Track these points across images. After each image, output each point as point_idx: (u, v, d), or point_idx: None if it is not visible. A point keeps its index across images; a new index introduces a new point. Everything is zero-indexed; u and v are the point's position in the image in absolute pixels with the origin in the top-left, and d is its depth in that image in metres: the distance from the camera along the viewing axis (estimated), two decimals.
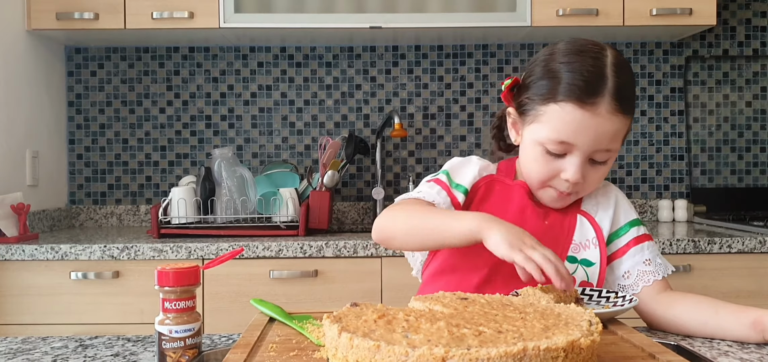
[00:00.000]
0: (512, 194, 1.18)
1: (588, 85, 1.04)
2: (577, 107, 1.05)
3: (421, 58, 2.81)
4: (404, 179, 2.80)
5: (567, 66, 1.07)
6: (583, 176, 1.09)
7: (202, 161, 2.79)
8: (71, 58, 2.79)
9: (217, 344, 1.02)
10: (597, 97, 1.04)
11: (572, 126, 1.05)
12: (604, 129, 1.05)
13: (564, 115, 1.06)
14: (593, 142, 1.06)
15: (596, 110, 1.04)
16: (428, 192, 1.17)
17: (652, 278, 1.15)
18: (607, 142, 1.07)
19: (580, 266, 1.14)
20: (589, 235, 1.16)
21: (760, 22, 2.83)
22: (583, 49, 1.09)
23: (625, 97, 1.06)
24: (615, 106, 1.05)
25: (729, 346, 1.01)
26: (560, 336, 0.67)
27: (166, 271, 0.82)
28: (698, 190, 2.81)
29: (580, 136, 1.06)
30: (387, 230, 1.13)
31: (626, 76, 1.07)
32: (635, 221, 1.21)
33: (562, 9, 2.38)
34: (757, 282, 2.14)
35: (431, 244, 1.09)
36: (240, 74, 2.80)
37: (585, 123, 1.05)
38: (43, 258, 2.08)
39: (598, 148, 1.07)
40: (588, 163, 1.10)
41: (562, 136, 1.07)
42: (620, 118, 1.06)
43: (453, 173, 1.20)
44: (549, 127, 1.08)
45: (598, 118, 1.04)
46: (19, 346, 1.04)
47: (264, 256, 2.11)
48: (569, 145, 1.07)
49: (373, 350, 0.65)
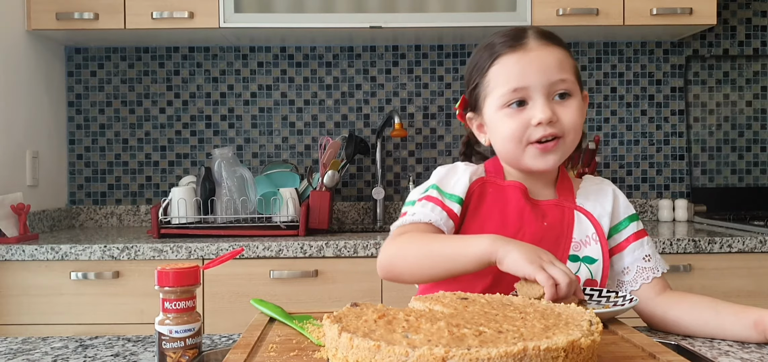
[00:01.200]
0: (507, 196, 1.17)
1: (511, 37, 1.13)
2: (510, 54, 1.12)
3: (421, 58, 2.81)
4: (404, 179, 2.80)
5: (486, 43, 1.17)
6: (553, 112, 1.10)
7: (202, 161, 2.79)
8: (71, 58, 2.79)
9: (218, 344, 1.02)
10: (523, 38, 1.12)
11: (515, 69, 1.11)
12: (543, 58, 1.10)
13: (504, 67, 1.12)
14: (541, 74, 1.10)
15: (527, 46, 1.11)
16: (423, 212, 1.13)
17: (651, 275, 1.16)
18: (556, 71, 1.10)
19: (583, 264, 1.14)
20: (588, 231, 1.16)
21: (761, 21, 2.83)
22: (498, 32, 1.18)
23: (549, 34, 1.13)
24: (542, 40, 1.12)
25: (730, 346, 1.00)
26: (560, 336, 0.67)
27: (166, 271, 0.82)
28: (698, 190, 2.81)
29: (526, 74, 1.10)
30: (395, 266, 1.09)
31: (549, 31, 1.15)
32: (634, 216, 1.21)
33: (562, 8, 2.38)
34: (758, 282, 2.14)
35: (443, 273, 1.05)
36: (240, 74, 2.80)
37: (523, 60, 1.10)
38: (43, 259, 2.08)
39: (550, 79, 1.10)
40: (552, 101, 1.11)
41: (512, 84, 1.11)
42: (554, 49, 1.12)
43: (443, 184, 1.17)
44: (498, 85, 1.13)
45: (532, 52, 1.11)
46: (20, 346, 1.04)
47: (264, 256, 2.11)
48: (522, 88, 1.11)
49: (373, 350, 0.65)
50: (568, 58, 1.13)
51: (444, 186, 1.17)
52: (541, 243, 1.12)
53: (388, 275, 1.11)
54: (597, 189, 1.21)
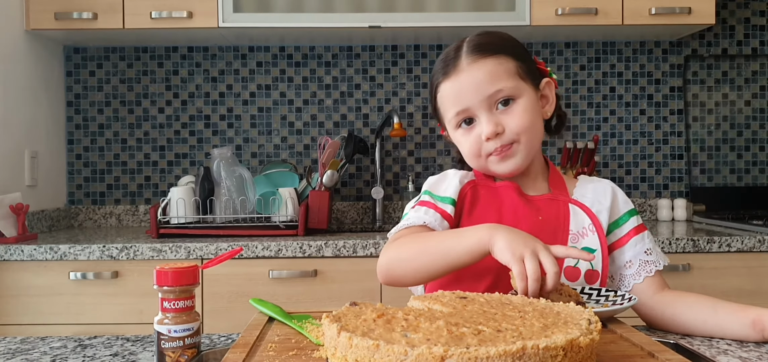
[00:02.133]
0: (501, 196, 1.19)
1: (446, 60, 1.17)
2: (445, 82, 1.16)
3: (421, 58, 2.81)
4: (403, 179, 2.80)
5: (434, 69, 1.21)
6: (497, 124, 1.13)
7: (201, 161, 2.79)
8: (70, 58, 2.79)
9: (217, 344, 1.02)
10: (455, 61, 1.15)
11: (451, 96, 1.15)
12: (474, 77, 1.12)
13: (444, 95, 1.17)
14: (476, 93, 1.12)
15: (458, 69, 1.14)
16: (416, 216, 1.16)
17: (654, 267, 1.16)
18: (490, 84, 1.12)
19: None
20: (585, 223, 1.17)
21: (759, 21, 2.83)
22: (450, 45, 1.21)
23: (482, 45, 1.14)
24: (472, 56, 1.13)
25: (728, 345, 1.01)
26: (559, 335, 0.67)
27: (164, 271, 0.82)
28: (697, 189, 2.81)
29: (462, 97, 1.14)
30: (393, 269, 1.10)
31: (483, 36, 1.16)
32: (633, 211, 1.22)
33: (561, 8, 2.38)
34: (757, 281, 2.14)
35: (442, 269, 1.05)
36: (239, 74, 2.80)
37: (457, 85, 1.14)
38: (42, 259, 2.08)
39: (486, 93, 1.12)
40: (495, 111, 1.14)
41: (455, 108, 1.15)
42: (485, 62, 1.12)
43: (434, 189, 1.21)
44: (446, 111, 1.18)
45: (463, 74, 1.13)
46: (18, 346, 1.03)
47: (263, 256, 2.11)
48: (464, 110, 1.15)
49: (372, 349, 0.65)
50: (502, 63, 1.13)
51: (436, 190, 1.21)
52: (538, 237, 1.12)
53: (388, 279, 1.12)
54: (594, 187, 1.22)
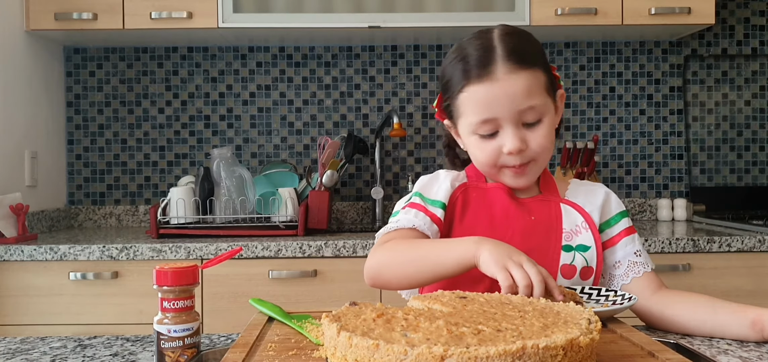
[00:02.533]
0: (492, 197, 1.18)
1: (479, 61, 1.09)
2: (476, 85, 1.09)
3: (420, 58, 2.81)
4: (403, 179, 2.80)
5: (458, 57, 1.12)
6: (522, 141, 1.09)
7: (200, 161, 2.79)
8: (70, 59, 2.79)
9: (216, 344, 1.02)
10: (489, 66, 1.08)
11: (483, 102, 1.09)
12: (510, 89, 1.07)
13: (472, 97, 1.10)
14: (510, 106, 1.08)
15: (493, 77, 1.07)
16: (406, 219, 1.15)
17: (642, 269, 1.17)
18: (524, 100, 1.08)
19: (577, 252, 1.15)
20: (577, 221, 1.17)
21: (759, 21, 2.83)
22: (471, 36, 1.14)
23: (519, 52, 1.09)
24: (510, 65, 1.07)
25: (728, 344, 1.01)
26: (559, 335, 0.67)
27: (164, 271, 0.82)
28: (697, 189, 2.81)
29: (494, 107, 1.08)
30: (381, 274, 1.10)
31: (516, 38, 1.11)
32: (625, 212, 1.22)
33: (561, 8, 2.38)
34: (757, 281, 2.14)
35: (428, 277, 1.06)
36: (239, 74, 2.80)
37: (491, 93, 1.08)
38: (42, 259, 2.08)
39: (519, 108, 1.08)
40: (522, 127, 1.10)
41: (481, 116, 1.10)
42: (522, 74, 1.08)
43: (425, 191, 1.19)
44: (468, 115, 1.11)
45: (498, 83, 1.07)
46: (18, 346, 1.03)
47: (263, 256, 2.11)
48: (492, 120, 1.09)
49: (371, 349, 0.65)
50: (537, 78, 1.10)
51: (426, 193, 1.19)
52: (531, 238, 1.13)
53: (375, 282, 1.12)
54: (586, 188, 1.22)
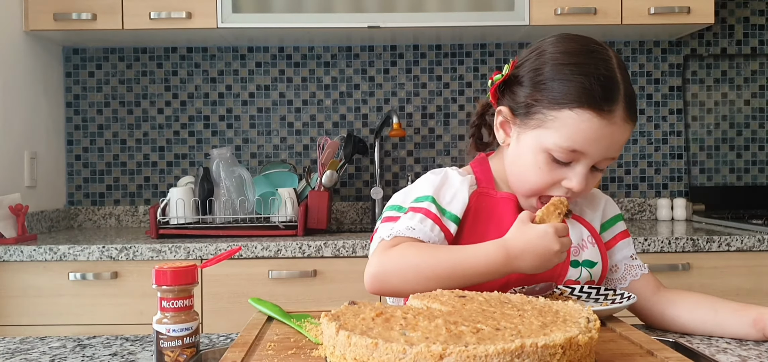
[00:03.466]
0: (501, 209, 1.12)
1: (605, 91, 0.99)
2: (594, 115, 0.99)
3: (420, 58, 2.81)
4: (403, 179, 2.80)
5: (579, 68, 1.01)
6: (586, 185, 1.05)
7: (200, 161, 2.79)
8: (69, 59, 2.79)
9: (216, 343, 1.02)
10: (614, 104, 1.00)
11: (588, 134, 1.00)
12: (617, 137, 1.01)
13: (580, 123, 0.99)
14: (605, 151, 1.02)
15: (612, 118, 1.00)
16: (422, 230, 1.05)
17: (640, 272, 1.17)
18: (617, 150, 1.03)
19: (584, 268, 1.13)
20: (583, 235, 1.15)
21: (758, 20, 2.83)
22: (590, 48, 1.04)
23: (634, 102, 1.04)
24: (627, 113, 1.01)
25: (728, 343, 1.01)
26: (558, 333, 0.67)
27: (163, 270, 0.82)
28: (697, 189, 2.81)
29: (593, 144, 1.00)
30: (388, 281, 1.01)
31: (629, 79, 1.05)
32: (620, 215, 1.22)
33: (561, 8, 2.38)
34: (756, 281, 2.14)
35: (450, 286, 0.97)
36: (238, 74, 2.80)
37: (601, 131, 1.00)
38: (41, 259, 2.08)
39: (609, 156, 1.03)
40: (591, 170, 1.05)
41: (575, 145, 1.01)
42: (630, 126, 1.03)
43: (440, 197, 1.09)
44: (560, 134, 1.01)
45: (613, 127, 1.00)
46: (18, 346, 1.03)
47: (263, 256, 2.11)
48: (580, 153, 1.01)
49: (370, 348, 0.65)
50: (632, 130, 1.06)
51: (441, 199, 1.10)
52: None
53: (380, 289, 1.02)
54: (587, 199, 1.20)
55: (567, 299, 0.99)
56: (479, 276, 0.98)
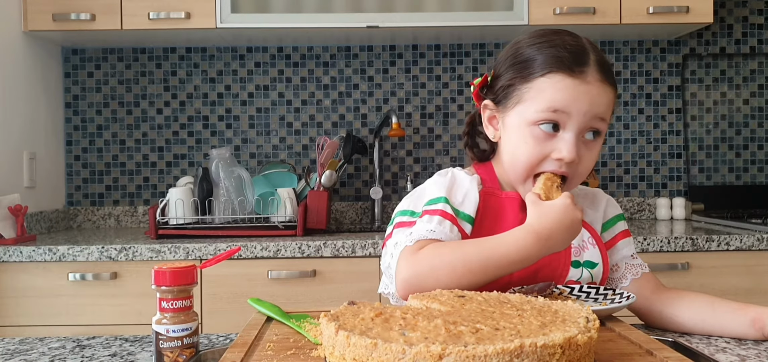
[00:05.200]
0: (505, 208, 1.13)
1: (573, 55, 1.04)
2: (566, 75, 1.03)
3: (419, 58, 2.81)
4: (402, 178, 2.80)
5: (546, 43, 1.06)
6: (577, 153, 1.03)
7: (199, 162, 2.79)
8: (68, 60, 2.79)
9: (215, 343, 1.02)
10: (584, 66, 1.03)
11: (565, 93, 1.02)
12: (596, 96, 1.03)
13: (555, 84, 1.03)
14: (588, 109, 1.02)
15: (586, 78, 1.03)
16: (442, 230, 1.05)
17: (640, 271, 1.17)
18: (602, 110, 1.04)
19: (585, 268, 1.13)
20: (584, 236, 1.15)
21: (757, 19, 2.83)
22: (556, 31, 1.09)
23: (607, 69, 1.06)
24: (601, 75, 1.04)
25: (726, 342, 1.01)
26: (557, 333, 0.67)
27: (163, 271, 0.82)
28: (696, 188, 2.81)
29: (575, 103, 1.02)
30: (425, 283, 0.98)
31: (603, 55, 1.08)
32: (621, 215, 1.21)
33: (559, 7, 2.38)
34: (755, 280, 2.14)
35: (484, 281, 0.98)
36: (237, 74, 2.80)
37: (577, 89, 1.02)
38: (40, 260, 2.08)
39: (594, 114, 1.03)
40: (581, 138, 1.05)
41: (556, 105, 1.02)
42: (607, 88, 1.05)
43: (452, 198, 1.10)
44: (539, 100, 1.04)
45: (588, 85, 1.03)
46: (17, 347, 1.03)
47: (262, 256, 2.11)
48: (563, 114, 1.03)
49: (370, 348, 0.65)
50: (613, 97, 1.07)
51: (454, 200, 1.10)
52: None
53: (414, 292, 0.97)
54: (588, 200, 1.20)
55: (566, 299, 0.99)
56: (513, 265, 0.98)
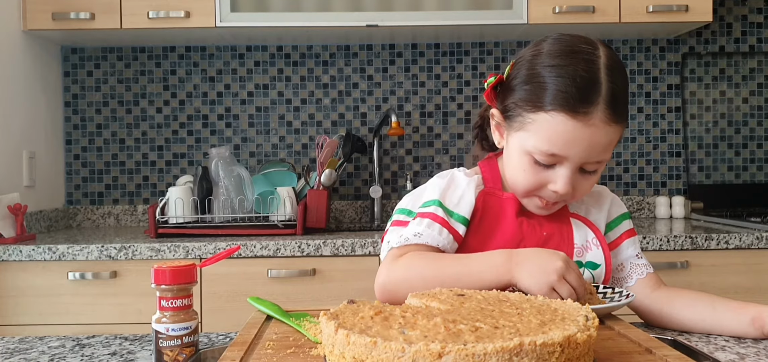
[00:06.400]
0: (505, 209, 1.13)
1: (580, 93, 0.98)
2: (568, 117, 0.99)
3: (418, 56, 2.81)
4: (402, 177, 2.80)
5: (557, 70, 1.01)
6: (572, 187, 1.04)
7: (199, 161, 2.79)
8: (68, 59, 2.79)
9: (215, 342, 1.02)
10: (590, 105, 0.98)
11: (564, 137, 1.00)
12: (597, 140, 1.00)
13: (555, 126, 1.00)
14: (585, 154, 1.01)
15: (589, 120, 0.98)
16: (430, 235, 1.07)
17: (645, 270, 1.16)
18: (600, 153, 1.02)
19: (587, 269, 1.13)
20: (588, 236, 1.14)
21: (756, 18, 2.83)
22: (575, 49, 1.02)
23: (620, 103, 1.01)
24: (609, 115, 0.99)
25: (726, 341, 1.01)
26: (556, 332, 0.67)
27: (162, 269, 0.82)
28: (695, 187, 2.81)
29: (571, 147, 1.00)
30: (398, 290, 1.02)
31: (621, 80, 1.02)
32: (627, 214, 1.21)
33: (559, 6, 2.38)
34: (755, 278, 2.14)
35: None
36: (237, 73, 2.80)
37: (577, 134, 0.99)
38: (40, 259, 2.08)
39: (591, 159, 1.02)
40: (578, 172, 1.05)
41: (552, 148, 1.01)
42: (614, 128, 1.01)
43: (446, 200, 1.10)
44: (538, 137, 1.02)
45: (590, 129, 0.99)
46: (17, 346, 1.03)
47: (262, 255, 2.11)
48: (560, 156, 1.02)
49: (369, 346, 0.65)
50: (620, 133, 1.03)
51: (448, 202, 1.10)
52: None
53: (389, 299, 1.04)
54: (592, 198, 1.20)
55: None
56: (484, 284, 0.98)
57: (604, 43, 1.06)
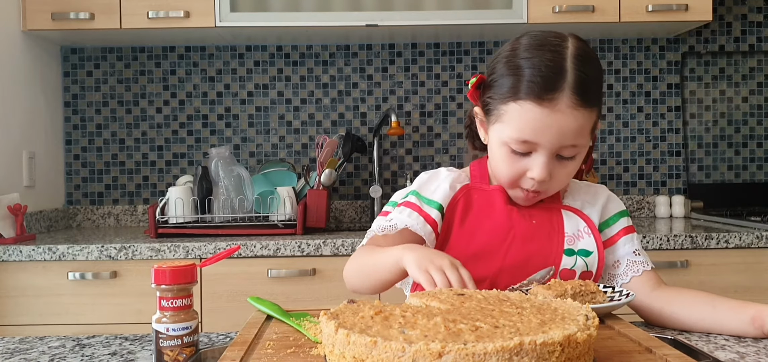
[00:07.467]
0: (494, 201, 1.17)
1: (546, 81, 1.03)
2: (535, 105, 1.03)
3: (418, 56, 2.81)
4: (401, 177, 2.80)
5: (526, 62, 1.05)
6: (549, 174, 1.07)
7: (199, 160, 2.79)
8: (67, 59, 2.79)
9: (215, 342, 1.02)
10: (555, 92, 1.02)
11: (533, 124, 1.04)
12: (566, 125, 1.03)
13: (524, 114, 1.04)
14: (556, 139, 1.04)
15: (556, 106, 1.02)
16: (400, 218, 1.15)
17: (642, 268, 1.17)
18: (572, 138, 1.05)
19: (579, 257, 1.14)
20: (579, 225, 1.17)
21: (756, 17, 2.83)
22: (543, 42, 1.07)
23: (587, 89, 1.04)
24: (575, 100, 1.03)
25: (726, 340, 1.01)
26: (557, 331, 0.67)
27: (162, 269, 0.82)
28: (695, 186, 2.81)
29: (541, 134, 1.04)
30: (348, 279, 1.19)
31: (589, 68, 1.05)
32: (625, 212, 1.22)
33: (558, 6, 2.38)
34: (754, 278, 2.14)
35: (378, 284, 1.12)
36: (236, 73, 2.80)
37: (545, 120, 1.03)
38: (40, 259, 2.08)
39: (563, 144, 1.05)
40: (555, 159, 1.08)
41: (524, 135, 1.05)
42: (583, 112, 1.04)
43: (422, 190, 1.18)
44: (511, 127, 1.06)
45: (558, 114, 1.03)
46: (17, 346, 1.03)
47: (262, 255, 2.11)
48: (532, 143, 1.05)
49: (369, 346, 0.65)
50: (591, 118, 1.06)
51: (424, 191, 1.18)
52: (532, 242, 1.13)
53: (349, 288, 1.19)
54: (586, 192, 1.22)
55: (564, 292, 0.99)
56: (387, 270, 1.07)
57: (576, 36, 1.09)
